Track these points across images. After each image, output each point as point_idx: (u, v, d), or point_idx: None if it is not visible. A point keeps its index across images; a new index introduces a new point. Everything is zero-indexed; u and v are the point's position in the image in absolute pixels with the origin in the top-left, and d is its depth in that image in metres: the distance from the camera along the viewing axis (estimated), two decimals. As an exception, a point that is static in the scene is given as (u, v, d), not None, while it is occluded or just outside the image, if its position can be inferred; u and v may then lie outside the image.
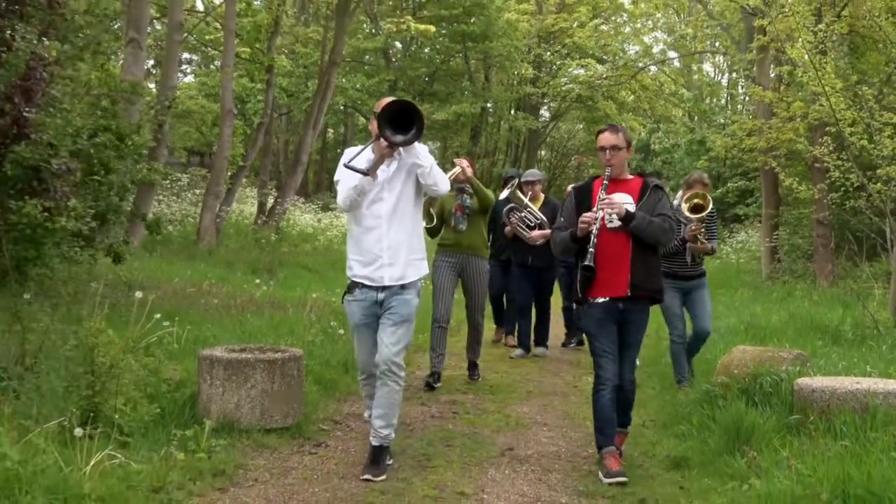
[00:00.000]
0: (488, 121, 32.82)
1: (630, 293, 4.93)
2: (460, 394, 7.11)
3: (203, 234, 16.54)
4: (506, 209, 8.77)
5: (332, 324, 8.04)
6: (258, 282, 11.19)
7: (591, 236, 4.87)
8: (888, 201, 10.26)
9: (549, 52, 32.53)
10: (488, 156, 33.03)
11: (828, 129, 11.89)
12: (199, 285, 10.41)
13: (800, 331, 9.09)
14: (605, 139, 5.10)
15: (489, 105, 31.54)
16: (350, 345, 5.72)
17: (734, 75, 34.04)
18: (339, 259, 10.01)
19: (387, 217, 4.78)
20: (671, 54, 34.51)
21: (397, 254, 4.79)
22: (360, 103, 27.31)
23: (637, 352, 5.27)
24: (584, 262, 4.85)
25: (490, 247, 9.50)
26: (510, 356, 9.04)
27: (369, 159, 4.70)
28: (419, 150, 4.74)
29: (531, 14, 31.07)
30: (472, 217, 7.33)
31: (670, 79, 33.26)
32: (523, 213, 8.67)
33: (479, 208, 7.38)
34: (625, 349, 5.07)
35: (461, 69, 30.99)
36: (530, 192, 8.94)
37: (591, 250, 4.84)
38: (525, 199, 8.75)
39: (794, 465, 4.28)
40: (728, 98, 36.24)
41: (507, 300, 9.78)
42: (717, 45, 30.96)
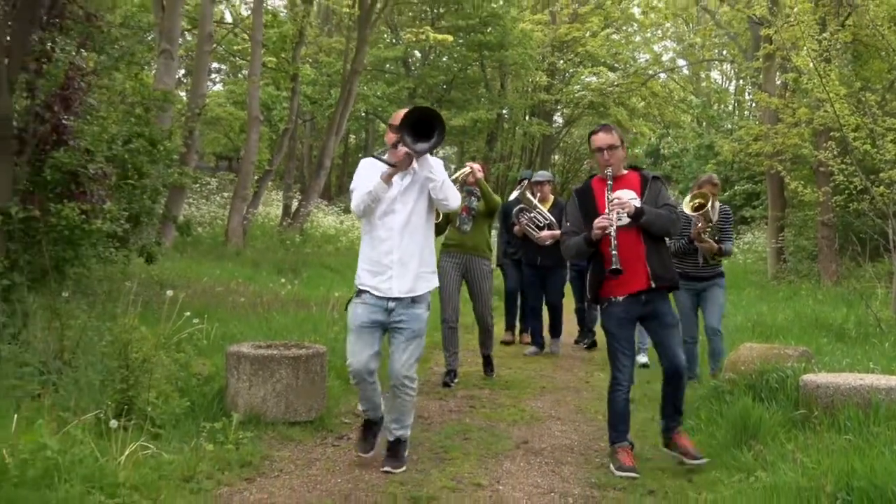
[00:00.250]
0: (504, 126, 32.78)
1: (654, 284, 4.80)
2: (477, 389, 7.11)
3: (231, 235, 16.62)
4: (516, 209, 8.72)
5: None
6: (283, 281, 11.24)
7: (612, 239, 4.71)
8: (890, 204, 10.20)
9: (562, 61, 32.42)
10: (504, 160, 33.02)
11: (832, 134, 11.80)
12: (227, 284, 10.47)
13: (805, 329, 9.04)
14: (602, 140, 4.94)
15: (505, 111, 31.52)
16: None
17: (741, 82, 33.79)
18: (361, 259, 9.94)
19: (399, 230, 4.62)
20: (680, 62, 34.46)
21: (407, 266, 4.61)
22: (380, 110, 27.32)
23: (678, 333, 5.01)
24: (612, 267, 4.67)
25: (506, 245, 9.51)
26: (524, 353, 9.03)
27: (391, 162, 4.61)
28: (433, 164, 4.59)
29: (545, 24, 30.99)
30: (476, 219, 7.25)
31: (679, 86, 33.16)
32: (533, 214, 8.60)
33: (485, 211, 7.29)
34: (665, 335, 4.89)
35: (478, 77, 30.96)
36: (539, 193, 8.87)
37: (614, 253, 4.67)
38: (534, 200, 8.69)
39: (799, 458, 4.25)
40: (735, 104, 35.98)
41: (521, 300, 9.72)
42: (724, 53, 30.81)
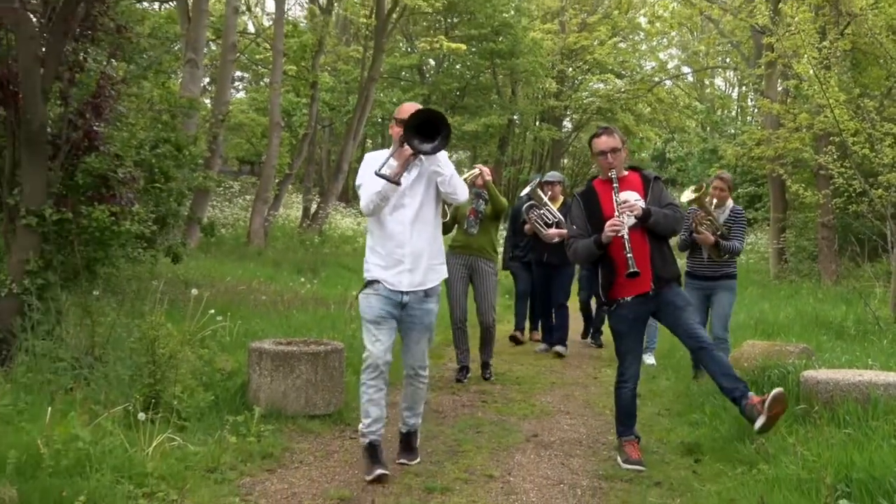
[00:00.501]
0: (515, 131, 32.73)
1: (655, 286, 4.70)
2: (488, 385, 7.09)
3: (253, 236, 16.69)
4: (525, 206, 8.63)
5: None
6: (303, 280, 11.26)
7: (625, 242, 4.60)
8: (888, 206, 10.15)
9: (571, 68, 32.37)
10: (515, 164, 32.99)
11: (832, 138, 11.74)
12: (249, 283, 10.50)
13: (806, 326, 9.00)
14: (604, 143, 4.81)
15: (516, 117, 31.46)
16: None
17: (744, 89, 33.71)
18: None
19: (409, 223, 4.46)
20: (685, 69, 34.26)
21: (419, 260, 4.48)
22: (396, 116, 27.31)
23: (691, 312, 4.82)
24: (630, 270, 4.56)
25: (513, 249, 9.44)
26: (535, 350, 9.01)
27: (392, 166, 4.37)
28: (440, 158, 4.42)
29: (555, 33, 30.96)
30: (483, 222, 7.16)
31: (684, 92, 33.01)
32: (542, 211, 8.49)
33: (492, 214, 7.20)
34: (677, 318, 4.73)
35: (490, 84, 30.92)
36: (550, 192, 8.80)
37: (629, 256, 4.57)
38: (545, 198, 8.63)
39: (800, 451, 4.24)
40: (738, 110, 35.85)
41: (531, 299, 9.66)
42: (728, 60, 30.70)
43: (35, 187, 5.70)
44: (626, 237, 4.61)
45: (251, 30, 24.86)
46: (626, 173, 4.93)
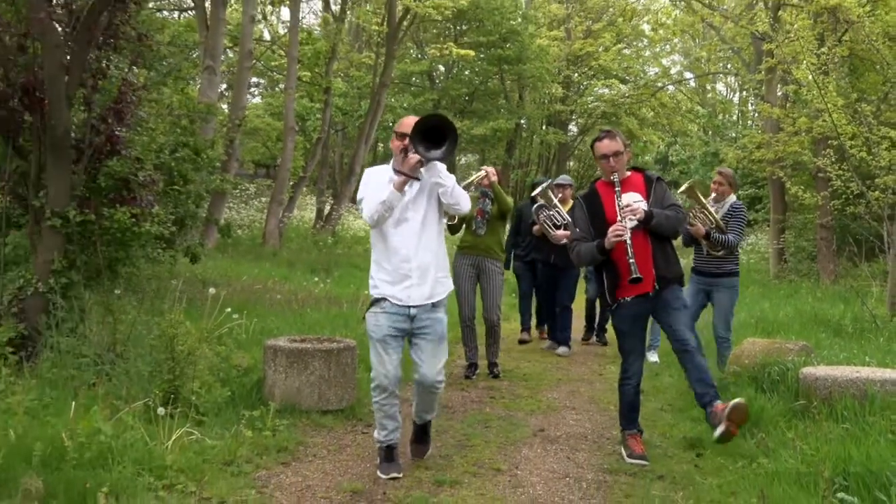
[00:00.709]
0: (522, 135, 32.71)
1: (657, 286, 4.65)
2: (496, 381, 7.08)
3: (268, 237, 16.73)
4: (535, 206, 8.54)
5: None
6: (316, 280, 11.28)
7: (629, 248, 4.54)
8: (885, 207, 10.11)
9: (576, 74, 32.38)
10: (522, 167, 32.98)
11: (830, 142, 11.69)
12: (265, 283, 10.51)
13: (805, 325, 8.96)
14: (607, 147, 4.73)
15: (523, 121, 31.46)
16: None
17: (744, 94, 33.53)
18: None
19: (414, 237, 4.29)
20: (687, 75, 34.23)
21: (426, 274, 4.30)
22: (407, 120, 27.34)
23: (684, 315, 4.72)
24: (633, 276, 4.50)
25: (514, 248, 9.39)
26: (542, 347, 9.00)
27: (392, 179, 4.25)
28: (440, 170, 4.24)
29: (561, 40, 30.96)
30: (490, 222, 7.13)
31: (686, 97, 32.96)
32: (551, 212, 8.45)
33: (498, 214, 7.17)
34: (670, 318, 4.66)
35: (498, 89, 30.94)
36: (560, 195, 8.74)
37: (632, 262, 4.52)
38: (554, 200, 8.57)
39: (799, 445, 4.24)
40: (739, 114, 35.70)
41: (537, 299, 9.62)
42: (729, 66, 30.64)
43: (59, 190, 5.73)
44: (629, 243, 4.56)
45: (267, 37, 24.94)
46: (629, 174, 4.88)
